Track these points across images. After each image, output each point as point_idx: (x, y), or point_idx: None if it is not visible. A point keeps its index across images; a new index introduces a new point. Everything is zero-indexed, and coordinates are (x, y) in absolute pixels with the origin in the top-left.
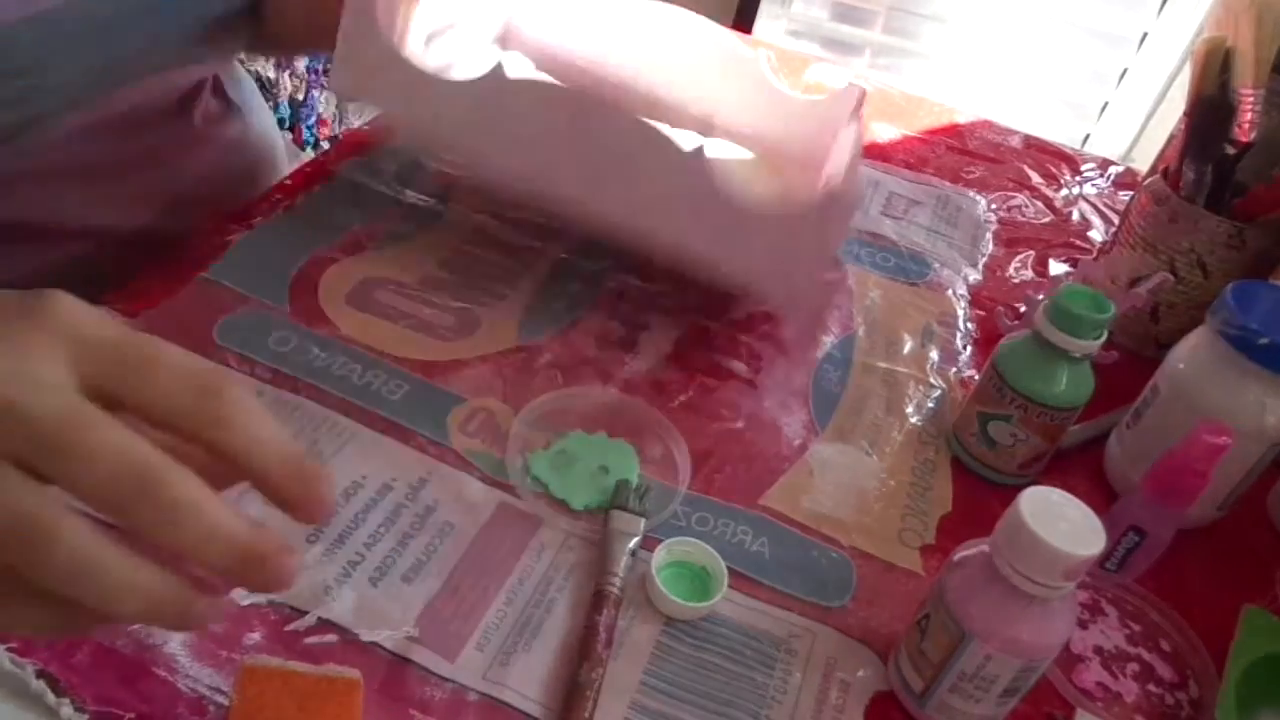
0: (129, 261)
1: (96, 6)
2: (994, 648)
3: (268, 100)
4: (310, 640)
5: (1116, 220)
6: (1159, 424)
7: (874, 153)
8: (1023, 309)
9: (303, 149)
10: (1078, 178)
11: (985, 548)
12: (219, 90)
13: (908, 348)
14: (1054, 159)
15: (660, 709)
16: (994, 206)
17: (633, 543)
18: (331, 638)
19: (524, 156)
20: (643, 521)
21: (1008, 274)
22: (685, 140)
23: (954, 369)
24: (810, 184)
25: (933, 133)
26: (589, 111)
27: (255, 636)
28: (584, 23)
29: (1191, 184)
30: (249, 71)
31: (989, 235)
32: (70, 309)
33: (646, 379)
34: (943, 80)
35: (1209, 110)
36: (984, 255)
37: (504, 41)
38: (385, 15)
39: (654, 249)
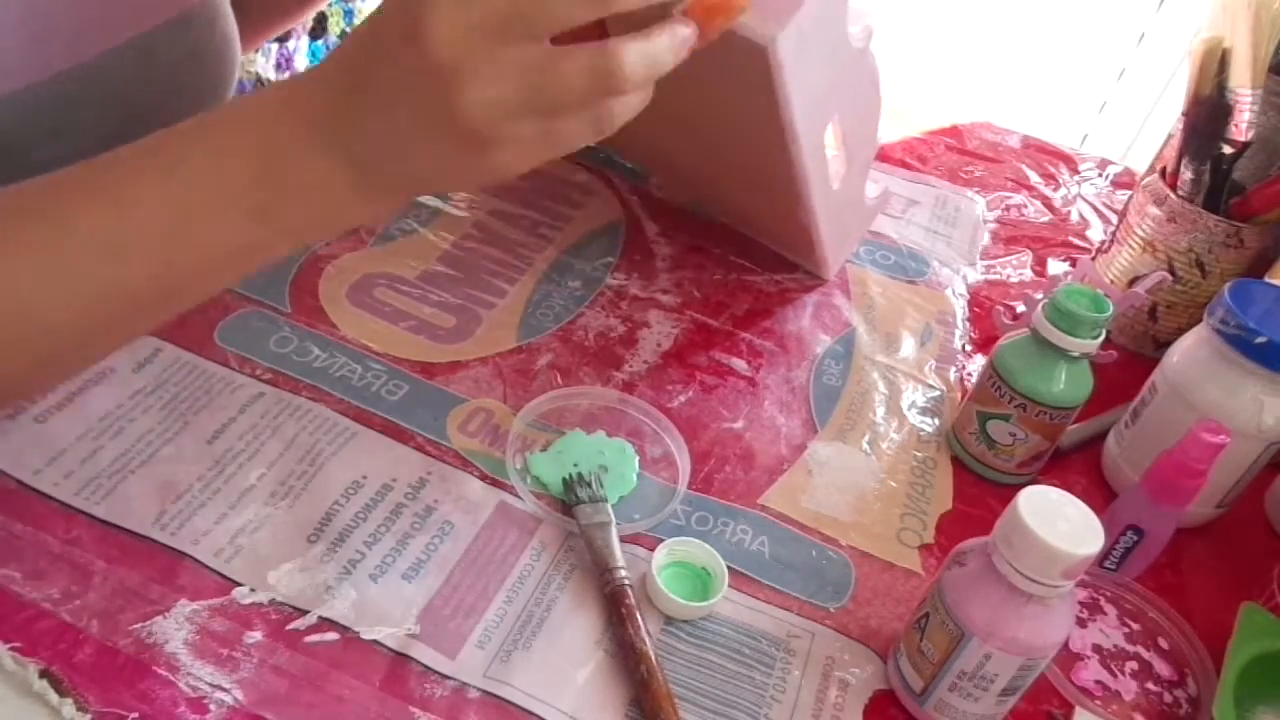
0: None
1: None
2: (993, 646)
3: None
4: (311, 639)
5: (1115, 220)
6: (1157, 423)
7: None
8: (1021, 308)
9: None
10: (1076, 177)
11: (984, 547)
12: None
13: (907, 346)
14: (1052, 158)
15: None
16: (993, 206)
17: (613, 527)
18: (332, 636)
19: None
20: (608, 505)
21: (1006, 273)
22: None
23: (953, 368)
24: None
25: (932, 132)
26: None
27: (257, 635)
28: None
29: (1189, 183)
30: (248, 73)
31: (988, 234)
32: None
33: (646, 379)
34: (941, 79)
35: (1206, 110)
36: (982, 255)
37: None
38: None
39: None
